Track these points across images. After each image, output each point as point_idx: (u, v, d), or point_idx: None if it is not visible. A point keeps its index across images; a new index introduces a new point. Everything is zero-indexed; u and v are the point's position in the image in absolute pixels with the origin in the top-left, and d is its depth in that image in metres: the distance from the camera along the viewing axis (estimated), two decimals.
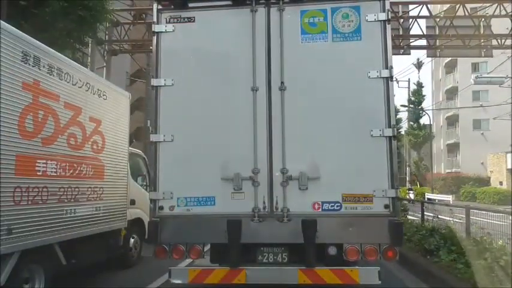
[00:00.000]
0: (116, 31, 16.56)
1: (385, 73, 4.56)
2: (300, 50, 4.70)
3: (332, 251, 4.54)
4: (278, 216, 4.51)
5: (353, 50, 4.64)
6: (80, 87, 5.62)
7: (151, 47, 5.87)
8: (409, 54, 18.24)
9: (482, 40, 16.85)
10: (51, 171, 4.91)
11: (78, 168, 5.52)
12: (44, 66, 4.82)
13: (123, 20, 16.62)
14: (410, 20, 16.30)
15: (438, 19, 16.79)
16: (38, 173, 4.67)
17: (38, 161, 4.68)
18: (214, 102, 4.75)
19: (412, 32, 16.88)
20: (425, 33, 16.75)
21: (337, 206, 4.49)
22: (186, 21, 4.89)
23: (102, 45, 16.20)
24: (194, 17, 4.89)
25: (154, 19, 4.92)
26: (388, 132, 4.50)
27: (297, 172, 4.53)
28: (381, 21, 4.63)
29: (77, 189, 5.44)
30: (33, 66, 4.61)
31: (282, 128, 4.58)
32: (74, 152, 5.41)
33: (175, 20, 4.90)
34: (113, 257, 6.83)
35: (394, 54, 15.80)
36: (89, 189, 5.79)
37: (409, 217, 11.42)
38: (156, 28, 4.90)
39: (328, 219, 4.45)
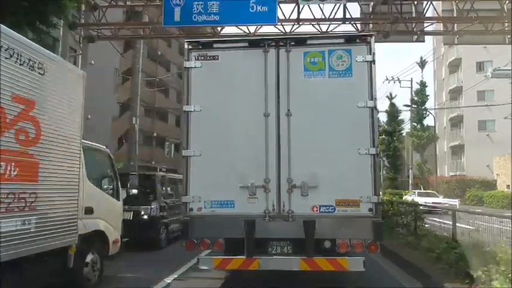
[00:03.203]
0: (93, 16, 14.96)
1: (371, 103, 5.72)
2: (302, 83, 5.86)
3: (327, 244, 5.70)
4: (284, 216, 5.68)
5: (345, 84, 5.80)
6: None
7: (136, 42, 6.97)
8: (423, 41, 16.08)
9: (506, 25, 14.55)
10: None
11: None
12: None
13: (103, 3, 15.16)
14: (425, 1, 14.73)
15: (457, 0, 14.88)
16: None
17: None
18: (234, 124, 5.93)
19: (427, 15, 15.15)
20: (441, 15, 15.09)
21: (331, 209, 5.65)
22: (211, 59, 6.07)
23: (75, 29, 14.84)
24: (218, 56, 6.08)
25: (186, 57, 6.11)
26: (372, 151, 5.65)
27: (299, 182, 5.70)
28: (367, 61, 5.78)
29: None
30: None
31: (288, 146, 5.75)
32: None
33: (203, 57, 6.09)
34: (59, 284, 5.50)
35: (406, 41, 15.67)
36: (10, 196, 4.35)
37: (429, 226, 9.96)
38: (186, 64, 6.09)
39: (324, 219, 5.61)
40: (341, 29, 14.33)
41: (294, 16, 14.28)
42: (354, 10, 24.97)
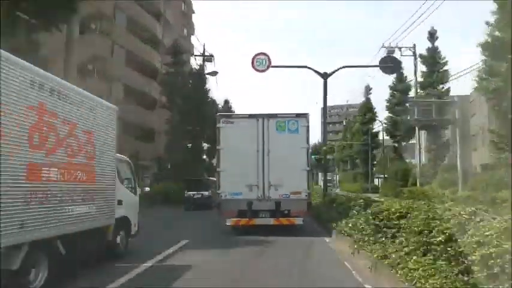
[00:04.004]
0: None
1: (306, 146, 12.33)
2: (274, 136, 12.22)
3: (286, 212, 12.18)
4: (266, 199, 12.10)
5: (295, 137, 12.23)
6: (74, 104, 6.46)
7: None
8: None
9: None
10: (54, 177, 5.83)
11: (74, 174, 6.41)
12: (46, 90, 5.70)
13: None
14: None
15: None
16: (43, 179, 5.58)
17: (43, 168, 5.56)
18: (241, 155, 12.18)
19: None
20: None
21: (288, 196, 12.12)
22: (230, 123, 12.40)
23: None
24: (233, 121, 12.43)
25: (218, 122, 12.42)
26: (307, 168, 12.25)
27: (273, 182, 12.11)
28: (306, 126, 12.28)
29: (73, 192, 6.36)
30: (38, 90, 5.50)
31: (268, 166, 12.13)
32: (71, 159, 6.27)
33: (225, 122, 12.41)
34: (103, 249, 7.77)
35: None
36: (83, 192, 6.67)
37: None
38: (218, 125, 12.38)
39: (285, 200, 12.07)
40: None
41: None
42: None
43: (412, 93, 34.70)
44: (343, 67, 21.21)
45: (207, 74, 33.80)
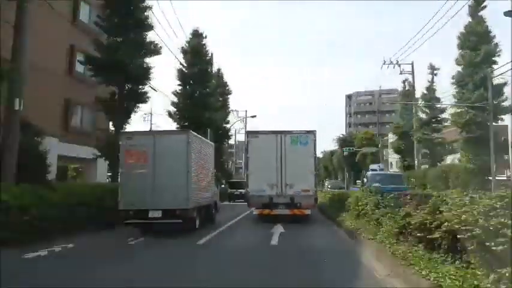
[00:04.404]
0: None
1: (314, 155, 16.29)
2: (290, 148, 16.22)
3: (298, 205, 16.14)
4: (283, 195, 16.10)
5: (305, 148, 16.20)
6: (204, 148, 14.88)
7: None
8: None
9: None
10: (201, 183, 14.02)
11: (204, 180, 14.55)
12: (199, 149, 14.01)
13: None
14: None
15: None
16: (199, 184, 13.69)
17: (199, 180, 13.70)
18: (264, 162, 16.21)
19: None
20: None
21: (299, 192, 16.09)
22: (256, 137, 16.49)
23: None
24: (259, 136, 16.51)
25: (246, 136, 16.50)
26: (314, 172, 16.23)
27: (288, 182, 16.10)
28: (314, 140, 16.26)
29: (204, 188, 14.38)
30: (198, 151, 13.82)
31: (285, 170, 16.12)
32: (204, 173, 14.61)
33: (252, 136, 16.52)
34: (211, 216, 15.70)
35: None
36: (206, 188, 14.67)
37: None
38: (247, 139, 16.46)
39: (297, 196, 16.04)
40: None
41: None
42: None
43: None
44: None
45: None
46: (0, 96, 12.86)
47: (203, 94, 32.01)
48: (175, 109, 31.52)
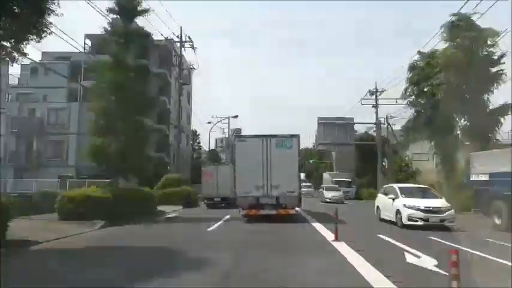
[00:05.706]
0: None
1: (298, 157, 17.26)
2: (275, 151, 17.14)
3: (283, 205, 17.04)
4: (269, 196, 16.97)
5: (289, 151, 17.15)
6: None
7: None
8: None
9: None
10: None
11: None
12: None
13: None
14: None
15: None
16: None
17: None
18: (250, 164, 17.09)
19: None
20: None
21: (284, 193, 16.98)
22: (243, 141, 17.42)
23: None
24: (246, 140, 17.44)
25: (233, 140, 17.35)
26: (298, 173, 17.23)
27: (274, 183, 16.98)
28: (298, 143, 17.28)
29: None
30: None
31: (270, 172, 17.01)
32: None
33: (239, 140, 17.47)
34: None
35: None
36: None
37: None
38: (234, 142, 17.36)
39: (282, 196, 16.94)
40: None
41: None
42: None
43: None
44: None
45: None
46: None
47: None
48: None
